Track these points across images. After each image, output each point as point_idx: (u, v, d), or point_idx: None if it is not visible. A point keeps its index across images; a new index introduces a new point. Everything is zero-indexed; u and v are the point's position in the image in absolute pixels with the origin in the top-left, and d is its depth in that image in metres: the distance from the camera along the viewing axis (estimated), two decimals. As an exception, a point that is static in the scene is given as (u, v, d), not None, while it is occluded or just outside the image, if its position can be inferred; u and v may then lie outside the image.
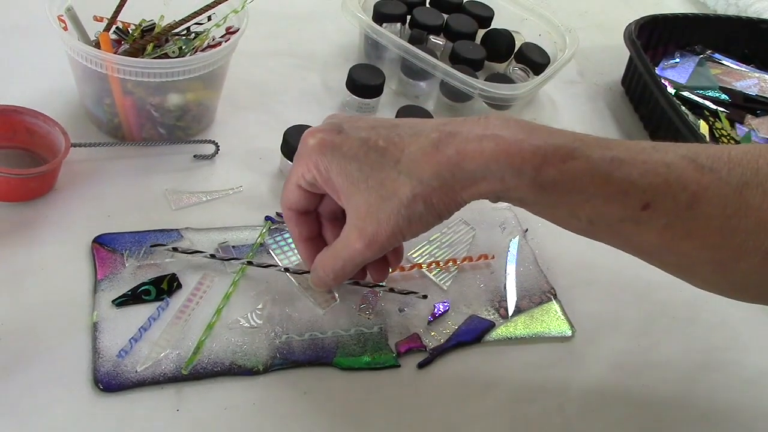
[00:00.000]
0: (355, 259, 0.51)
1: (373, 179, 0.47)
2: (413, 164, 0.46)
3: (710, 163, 0.46)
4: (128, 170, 0.68)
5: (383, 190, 0.47)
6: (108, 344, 0.55)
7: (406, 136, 0.47)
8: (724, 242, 0.46)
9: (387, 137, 0.48)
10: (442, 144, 0.46)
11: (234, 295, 0.60)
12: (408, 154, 0.46)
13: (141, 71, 0.63)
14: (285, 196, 0.55)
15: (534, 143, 0.45)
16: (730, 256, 0.47)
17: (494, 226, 0.72)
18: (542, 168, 0.44)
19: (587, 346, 0.64)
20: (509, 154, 0.45)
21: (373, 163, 0.47)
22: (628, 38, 0.90)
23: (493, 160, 0.45)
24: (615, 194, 0.45)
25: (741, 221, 0.45)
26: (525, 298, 0.66)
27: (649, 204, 0.45)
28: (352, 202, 0.48)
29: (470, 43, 0.88)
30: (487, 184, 0.46)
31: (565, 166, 0.45)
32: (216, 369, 0.55)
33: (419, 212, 0.47)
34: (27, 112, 0.65)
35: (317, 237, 0.57)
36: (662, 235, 0.46)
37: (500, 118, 0.47)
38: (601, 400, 0.60)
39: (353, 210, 0.49)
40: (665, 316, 0.68)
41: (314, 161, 0.49)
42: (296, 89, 0.83)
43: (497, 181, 0.45)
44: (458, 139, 0.46)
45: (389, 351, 0.59)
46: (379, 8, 0.89)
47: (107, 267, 0.60)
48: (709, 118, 0.90)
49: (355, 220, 0.48)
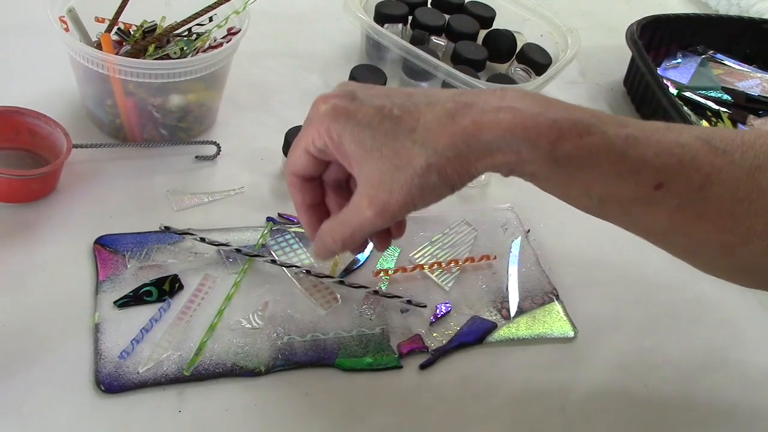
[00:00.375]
0: (364, 228, 0.49)
1: (387, 148, 0.46)
2: (428, 134, 0.45)
3: (723, 145, 0.45)
4: (130, 171, 0.68)
5: (397, 159, 0.45)
6: (109, 345, 0.55)
7: (422, 106, 0.46)
8: (734, 225, 0.46)
9: (402, 106, 0.46)
10: (458, 114, 0.45)
11: (236, 296, 0.60)
12: (423, 124, 0.45)
13: (142, 72, 0.63)
14: (291, 161, 0.53)
15: (551, 117, 0.44)
16: (738, 240, 0.46)
17: (496, 226, 0.72)
18: (558, 142, 0.44)
19: (589, 346, 0.64)
20: (526, 127, 0.44)
21: (387, 132, 0.46)
22: (630, 38, 0.90)
23: (509, 132, 0.44)
24: (628, 172, 0.45)
25: (752, 204, 0.45)
26: (527, 299, 0.66)
27: (662, 184, 0.45)
28: (364, 170, 0.47)
29: (472, 44, 0.88)
30: (502, 156, 0.45)
31: (582, 141, 0.44)
32: (218, 370, 0.55)
33: (433, 182, 0.46)
34: (29, 113, 0.65)
35: (320, 204, 0.55)
36: (673, 216, 0.46)
37: (517, 91, 0.46)
38: (603, 401, 0.60)
39: (365, 178, 0.47)
40: (668, 316, 0.68)
41: (326, 127, 0.47)
42: (298, 90, 0.83)
43: (512, 153, 0.45)
44: (474, 110, 0.45)
45: (391, 352, 0.59)
46: (380, 9, 0.88)
47: (109, 268, 0.60)
48: (712, 118, 0.90)
49: (367, 188, 0.47)
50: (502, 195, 0.76)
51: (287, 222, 0.67)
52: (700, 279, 0.71)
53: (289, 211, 0.68)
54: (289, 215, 0.68)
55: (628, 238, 0.69)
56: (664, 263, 0.72)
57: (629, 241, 0.71)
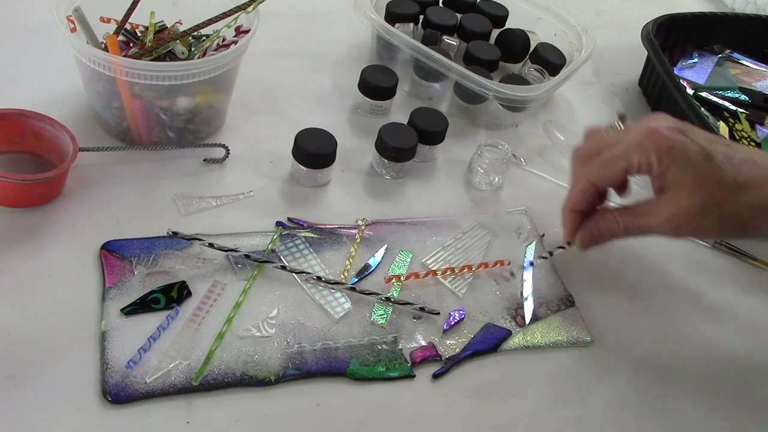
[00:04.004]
0: (647, 229, 0.58)
1: (705, 186, 0.54)
2: (742, 187, 0.54)
3: None
4: (137, 175, 0.67)
5: (710, 197, 0.54)
6: (116, 354, 0.53)
7: (742, 160, 0.55)
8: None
9: (724, 154, 0.55)
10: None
11: (245, 303, 0.59)
12: (741, 174, 0.54)
13: (150, 74, 0.61)
14: (604, 166, 0.59)
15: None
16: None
17: (510, 231, 0.71)
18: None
19: (606, 354, 0.62)
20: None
21: (711, 172, 0.54)
22: (646, 38, 0.89)
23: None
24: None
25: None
26: (542, 306, 0.64)
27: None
28: (675, 196, 0.55)
29: (484, 44, 0.87)
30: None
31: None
32: (227, 380, 0.54)
33: (730, 226, 0.55)
34: (34, 115, 0.64)
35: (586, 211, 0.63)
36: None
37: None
38: (621, 411, 0.59)
39: (674, 202, 0.56)
40: (686, 323, 0.66)
41: (657, 153, 0.55)
42: (307, 91, 0.82)
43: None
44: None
45: (404, 361, 0.58)
46: (391, 8, 0.87)
47: (116, 274, 0.58)
48: (729, 119, 0.88)
49: (673, 208, 0.56)
50: (515, 198, 0.75)
51: (297, 226, 0.66)
52: (719, 285, 0.70)
53: (298, 216, 0.67)
54: (299, 219, 0.66)
55: (644, 243, 0.68)
56: (682, 268, 0.71)
57: (646, 245, 0.71)
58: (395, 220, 0.69)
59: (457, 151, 0.78)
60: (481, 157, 0.73)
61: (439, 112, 0.76)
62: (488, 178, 0.74)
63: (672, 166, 0.55)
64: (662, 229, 0.57)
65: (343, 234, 0.66)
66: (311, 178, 0.70)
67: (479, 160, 0.74)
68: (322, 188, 0.71)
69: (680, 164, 0.55)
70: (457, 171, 0.76)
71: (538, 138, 0.82)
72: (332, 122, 0.76)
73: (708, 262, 0.73)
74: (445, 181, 0.75)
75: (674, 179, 0.55)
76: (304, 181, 0.70)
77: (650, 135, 0.57)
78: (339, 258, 0.64)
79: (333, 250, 0.65)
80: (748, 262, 0.73)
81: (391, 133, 0.72)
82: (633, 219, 0.59)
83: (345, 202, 0.70)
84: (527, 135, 0.83)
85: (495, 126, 0.83)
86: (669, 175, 0.55)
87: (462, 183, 0.75)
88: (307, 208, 0.68)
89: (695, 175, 0.54)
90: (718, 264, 0.73)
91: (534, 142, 0.82)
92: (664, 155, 0.55)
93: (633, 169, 0.57)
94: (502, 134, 0.82)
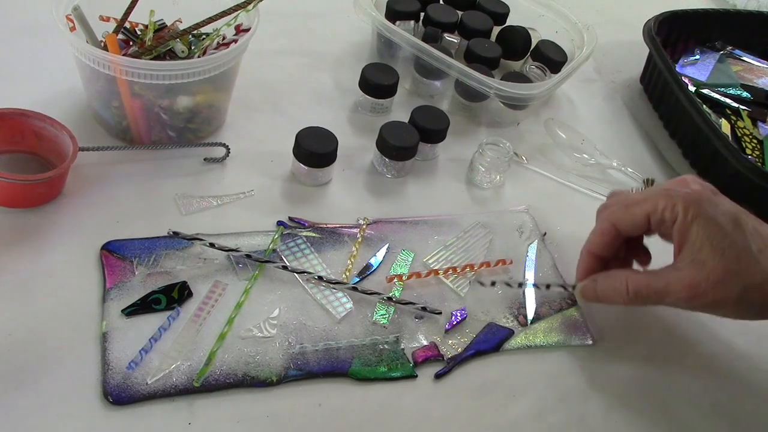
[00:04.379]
0: (664, 298, 0.54)
1: (730, 251, 0.51)
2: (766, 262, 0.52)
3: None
4: (137, 174, 0.67)
5: (736, 265, 0.51)
6: (118, 355, 0.53)
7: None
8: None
9: (753, 226, 0.53)
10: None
11: (246, 303, 0.59)
12: (765, 252, 0.52)
13: (149, 73, 0.61)
14: (627, 207, 0.57)
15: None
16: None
17: (512, 230, 0.70)
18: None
19: (608, 354, 0.62)
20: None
21: (737, 239, 0.52)
22: (648, 34, 0.88)
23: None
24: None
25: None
26: (544, 305, 0.64)
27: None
28: (698, 258, 0.52)
29: (485, 41, 0.86)
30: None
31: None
32: (228, 381, 0.53)
33: (751, 300, 0.52)
34: (34, 115, 0.63)
35: (605, 257, 0.60)
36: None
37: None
38: (623, 411, 0.58)
39: (695, 265, 0.52)
40: (689, 323, 0.66)
41: (684, 202, 0.53)
42: (308, 90, 0.82)
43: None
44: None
45: (406, 361, 0.58)
46: (392, 5, 0.87)
47: (116, 275, 0.58)
48: (731, 116, 0.88)
49: (694, 272, 0.52)
50: (517, 197, 0.74)
51: (298, 226, 0.66)
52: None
53: (299, 215, 0.66)
54: (300, 219, 0.66)
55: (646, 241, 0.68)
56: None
57: (648, 243, 0.70)
58: (397, 219, 0.69)
59: (458, 150, 0.77)
60: (482, 156, 0.73)
61: (440, 111, 0.76)
62: (489, 176, 0.74)
63: (698, 220, 0.52)
64: (680, 296, 0.53)
65: (345, 233, 0.66)
66: (312, 177, 0.70)
67: (480, 158, 0.73)
68: (323, 187, 0.70)
69: (707, 221, 0.52)
70: (459, 169, 0.76)
71: (539, 136, 0.82)
72: (333, 121, 0.76)
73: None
74: (447, 180, 0.75)
75: (698, 236, 0.52)
76: (305, 180, 0.70)
77: (680, 184, 0.55)
78: (340, 257, 0.64)
79: (334, 249, 0.65)
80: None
81: (392, 132, 0.71)
82: (647, 282, 0.55)
83: (346, 201, 0.70)
84: (529, 133, 0.83)
85: (496, 124, 0.83)
86: (693, 229, 0.52)
87: (463, 181, 0.75)
88: (308, 207, 0.68)
89: (722, 236, 0.52)
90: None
91: (535, 140, 0.82)
92: (692, 206, 0.52)
93: (657, 215, 0.54)
94: (504, 132, 0.82)
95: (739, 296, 0.51)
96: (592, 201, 0.76)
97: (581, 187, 0.77)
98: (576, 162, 0.80)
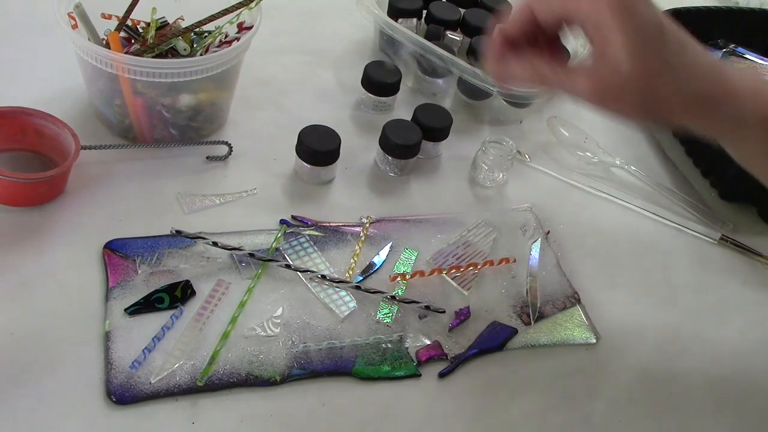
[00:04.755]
0: (564, 88, 0.52)
1: (647, 57, 0.49)
2: (675, 68, 0.50)
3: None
4: (139, 173, 0.67)
5: (648, 71, 0.49)
6: (121, 354, 0.53)
7: (687, 44, 0.51)
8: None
9: (675, 36, 0.51)
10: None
11: (249, 302, 0.58)
12: (679, 57, 0.50)
13: (152, 71, 0.61)
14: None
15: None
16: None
17: (515, 228, 0.70)
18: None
19: (613, 352, 0.62)
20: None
21: (656, 45, 0.49)
22: (650, 32, 0.88)
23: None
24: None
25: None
26: (548, 304, 0.64)
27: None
28: (612, 61, 0.49)
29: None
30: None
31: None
32: (232, 380, 0.53)
33: (654, 104, 0.50)
34: (36, 113, 0.63)
35: (513, 43, 0.54)
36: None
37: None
38: (628, 409, 0.58)
39: (608, 66, 0.50)
40: (693, 320, 0.66)
41: (610, 4, 0.49)
42: (310, 87, 0.81)
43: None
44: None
45: (409, 359, 0.58)
46: (394, 3, 0.86)
47: (119, 274, 0.58)
48: (734, 114, 0.87)
49: (605, 72, 0.50)
50: (520, 195, 0.74)
51: (301, 224, 0.65)
52: (725, 282, 0.70)
53: (302, 213, 0.66)
54: (303, 217, 0.66)
55: (650, 240, 0.68)
56: (688, 265, 0.71)
57: (652, 242, 0.70)
58: (400, 217, 0.68)
59: (461, 148, 0.77)
60: (485, 154, 0.73)
61: (443, 109, 0.76)
62: (492, 174, 0.74)
63: (620, 22, 0.49)
64: (586, 93, 0.51)
65: (348, 232, 0.66)
66: (315, 175, 0.69)
67: (483, 156, 0.73)
68: (325, 186, 0.70)
69: (629, 23, 0.49)
70: (462, 168, 0.76)
71: (542, 134, 0.82)
72: (335, 119, 0.75)
73: (714, 259, 0.72)
74: (450, 178, 0.75)
75: (617, 39, 0.49)
76: (308, 178, 0.70)
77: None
78: (344, 256, 0.64)
79: (337, 248, 0.64)
80: (755, 259, 0.73)
81: (395, 130, 0.71)
82: (557, 72, 0.52)
83: (349, 200, 0.69)
84: (531, 131, 0.83)
85: (499, 122, 0.83)
86: (614, 30, 0.49)
87: (466, 180, 0.75)
88: (310, 205, 0.68)
89: (642, 41, 0.49)
90: (724, 261, 0.72)
91: (538, 139, 0.82)
92: (618, 9, 0.49)
93: (582, 10, 0.50)
94: (507, 130, 0.82)
95: (642, 99, 0.50)
96: (596, 199, 0.76)
97: (584, 186, 0.77)
98: (579, 160, 0.80)
